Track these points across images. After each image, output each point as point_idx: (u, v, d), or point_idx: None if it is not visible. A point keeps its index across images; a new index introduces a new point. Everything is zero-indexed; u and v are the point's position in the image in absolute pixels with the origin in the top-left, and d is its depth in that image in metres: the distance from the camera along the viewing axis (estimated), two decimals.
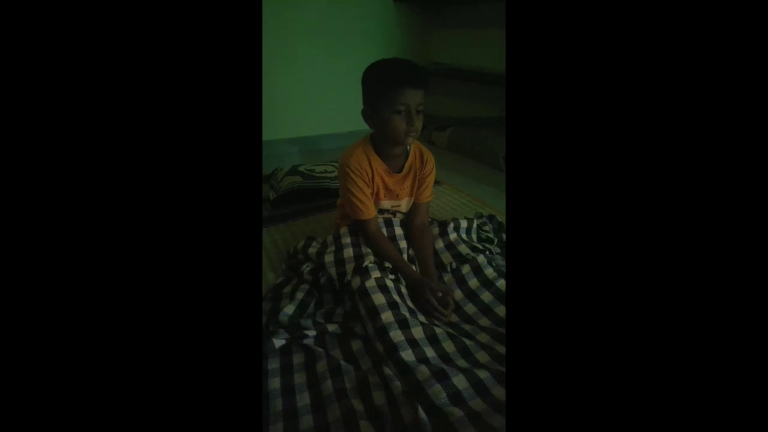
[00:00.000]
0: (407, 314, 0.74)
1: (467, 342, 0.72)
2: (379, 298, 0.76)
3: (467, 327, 0.79)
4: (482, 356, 0.69)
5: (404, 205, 1.02)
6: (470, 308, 0.84)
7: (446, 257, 0.93)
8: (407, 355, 0.66)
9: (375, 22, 2.09)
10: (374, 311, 0.74)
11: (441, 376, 0.61)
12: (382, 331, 0.71)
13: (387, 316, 0.73)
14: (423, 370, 0.62)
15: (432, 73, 2.09)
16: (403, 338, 0.69)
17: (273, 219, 1.32)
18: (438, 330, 0.74)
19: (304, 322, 0.78)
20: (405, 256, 0.93)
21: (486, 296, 0.84)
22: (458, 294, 0.87)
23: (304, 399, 0.64)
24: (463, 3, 1.98)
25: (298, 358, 0.72)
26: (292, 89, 1.99)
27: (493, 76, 1.76)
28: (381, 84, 0.86)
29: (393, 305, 0.75)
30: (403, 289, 0.84)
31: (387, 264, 0.85)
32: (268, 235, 1.22)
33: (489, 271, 0.88)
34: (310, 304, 0.84)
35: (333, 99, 2.10)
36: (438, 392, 0.59)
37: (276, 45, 1.84)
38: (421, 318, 0.77)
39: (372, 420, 0.60)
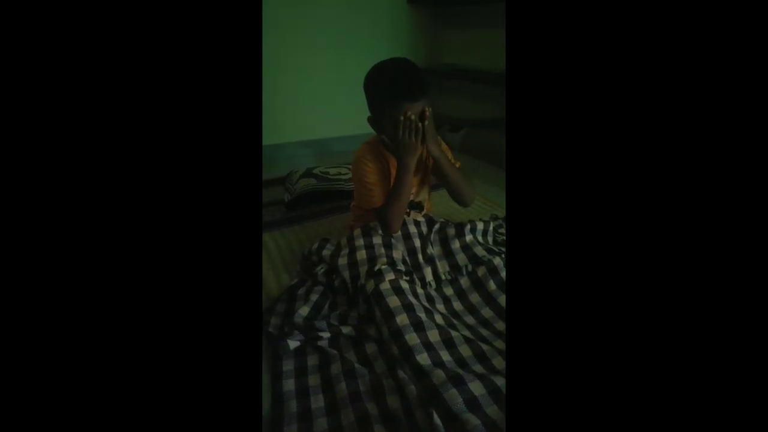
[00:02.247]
0: (423, 316, 0.74)
1: (484, 347, 0.71)
2: (394, 301, 0.75)
3: (484, 332, 0.78)
4: (499, 362, 0.68)
5: (416, 193, 1.04)
6: (487, 312, 0.83)
7: (462, 259, 0.92)
8: (423, 358, 0.66)
9: (388, 24, 2.09)
10: (389, 314, 0.73)
11: (457, 381, 0.60)
12: (398, 334, 0.70)
13: (402, 319, 0.72)
14: (439, 374, 0.62)
15: (445, 74, 2.08)
16: (418, 341, 0.69)
17: (288, 221, 1.33)
18: (454, 333, 0.73)
19: (318, 323, 0.78)
20: (419, 256, 0.92)
21: (503, 299, 0.83)
22: (475, 297, 0.86)
23: (318, 401, 0.65)
24: (475, 3, 1.97)
25: (312, 360, 0.72)
26: (306, 91, 2.01)
27: None
28: (380, 100, 0.87)
29: (408, 307, 0.74)
30: (419, 290, 0.83)
31: (400, 267, 0.85)
32: (282, 236, 1.23)
33: (505, 274, 0.87)
34: (324, 306, 0.84)
35: (346, 101, 2.10)
36: (454, 397, 0.58)
37: (288, 47, 1.86)
38: (438, 320, 0.76)
39: (386, 424, 0.59)
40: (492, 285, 0.85)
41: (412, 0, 2.10)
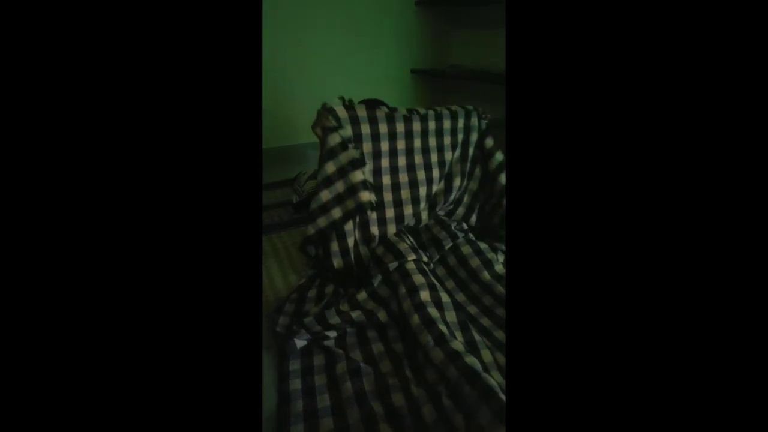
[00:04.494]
0: (444, 296, 0.79)
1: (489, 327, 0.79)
2: (419, 279, 0.81)
3: (486, 322, 0.83)
4: (499, 356, 0.73)
5: None
6: (487, 300, 0.88)
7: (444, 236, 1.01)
8: (443, 327, 0.70)
9: (395, 26, 2.10)
10: (414, 289, 0.79)
11: (474, 348, 0.68)
12: (420, 306, 0.75)
13: (425, 295, 0.78)
14: (458, 344, 0.66)
15: (452, 75, 2.08)
16: (439, 315, 0.74)
17: (296, 222, 1.34)
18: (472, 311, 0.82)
19: (328, 312, 0.80)
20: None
21: (498, 288, 0.88)
22: (475, 287, 0.91)
23: (324, 400, 0.65)
24: (483, 4, 1.96)
25: (318, 360, 0.73)
26: (314, 94, 2.02)
27: None
28: None
29: (432, 286, 0.80)
30: (439, 272, 0.92)
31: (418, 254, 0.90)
32: (290, 237, 1.24)
33: (499, 267, 0.93)
34: (332, 300, 0.87)
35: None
36: (474, 362, 0.62)
37: (296, 49, 1.87)
38: (460, 298, 0.86)
39: (391, 422, 0.60)
40: (486, 275, 0.90)
41: (420, 1, 2.10)
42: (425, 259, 0.90)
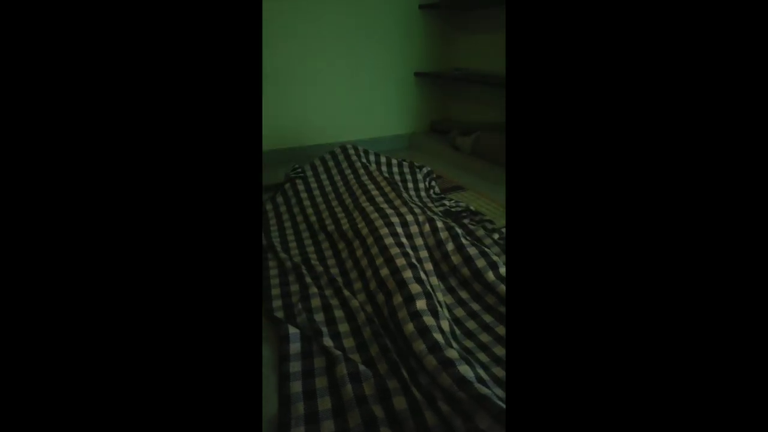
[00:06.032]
0: (439, 308, 0.80)
1: (485, 338, 0.78)
2: (415, 288, 0.82)
3: (488, 317, 0.84)
4: (499, 350, 0.74)
5: None
6: (490, 298, 0.88)
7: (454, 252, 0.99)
8: (438, 337, 0.71)
9: (399, 29, 2.10)
10: (410, 299, 0.79)
11: (469, 355, 0.68)
12: (416, 315, 0.76)
13: (422, 304, 0.78)
14: (453, 352, 0.66)
15: (456, 78, 2.09)
16: (435, 323, 0.74)
17: None
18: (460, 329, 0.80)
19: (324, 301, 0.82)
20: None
21: (502, 289, 0.89)
22: (477, 286, 0.92)
23: (325, 403, 0.65)
24: (487, 7, 1.97)
25: (319, 363, 0.73)
26: (316, 96, 2.02)
27: None
28: None
29: (428, 295, 0.81)
30: (434, 280, 0.92)
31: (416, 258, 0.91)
32: None
33: (503, 270, 0.93)
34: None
35: (356, 106, 2.12)
36: (467, 371, 0.62)
37: (298, 52, 1.88)
38: (464, 295, 0.89)
39: (393, 426, 0.60)
40: (491, 276, 0.90)
41: (424, 5, 2.10)
42: (422, 254, 0.92)
